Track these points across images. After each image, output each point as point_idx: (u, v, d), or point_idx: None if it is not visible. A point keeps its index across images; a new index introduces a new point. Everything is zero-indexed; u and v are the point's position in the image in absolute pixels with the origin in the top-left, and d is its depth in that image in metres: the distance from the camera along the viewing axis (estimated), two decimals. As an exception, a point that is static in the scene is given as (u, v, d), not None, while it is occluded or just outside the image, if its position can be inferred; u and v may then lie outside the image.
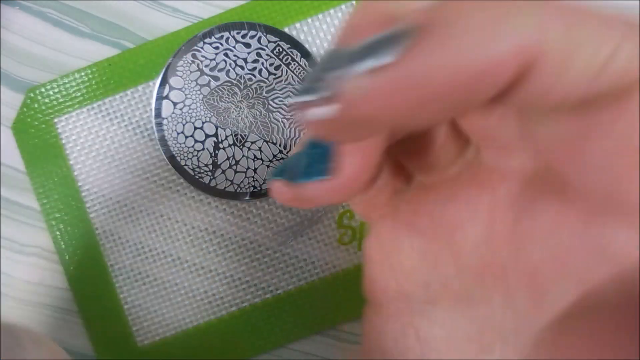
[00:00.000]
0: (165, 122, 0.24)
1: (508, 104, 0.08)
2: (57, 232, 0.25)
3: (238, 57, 0.24)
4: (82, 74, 0.25)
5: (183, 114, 0.24)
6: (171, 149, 0.24)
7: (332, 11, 0.25)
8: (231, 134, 0.24)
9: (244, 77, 0.24)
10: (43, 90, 0.25)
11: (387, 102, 0.07)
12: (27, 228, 0.25)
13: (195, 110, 0.24)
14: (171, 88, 0.24)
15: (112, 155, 0.25)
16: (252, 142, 0.24)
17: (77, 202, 0.25)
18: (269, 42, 0.24)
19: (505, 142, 0.10)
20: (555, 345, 0.08)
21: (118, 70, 0.25)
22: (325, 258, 0.25)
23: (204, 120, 0.24)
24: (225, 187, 0.24)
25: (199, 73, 0.24)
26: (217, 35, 0.24)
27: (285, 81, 0.24)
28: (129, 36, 0.25)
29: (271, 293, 0.25)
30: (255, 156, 0.24)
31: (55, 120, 0.25)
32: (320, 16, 0.25)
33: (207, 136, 0.24)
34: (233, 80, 0.24)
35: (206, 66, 0.24)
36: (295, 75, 0.24)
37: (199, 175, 0.24)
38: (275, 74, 0.24)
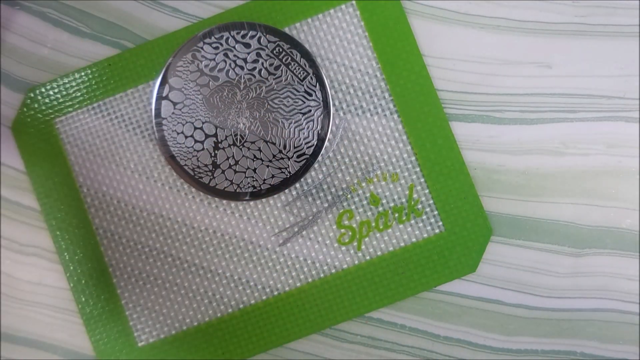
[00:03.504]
0: (165, 122, 0.24)
1: None
2: (57, 232, 0.25)
3: (238, 57, 0.24)
4: (82, 74, 0.25)
5: (183, 114, 0.24)
6: (171, 149, 0.24)
7: (332, 11, 0.25)
8: (231, 134, 0.24)
9: (243, 77, 0.24)
10: (43, 90, 0.25)
11: None
12: (27, 228, 0.25)
13: (195, 111, 0.24)
14: (171, 88, 0.24)
15: (112, 155, 0.25)
16: (251, 142, 0.24)
17: (77, 202, 0.25)
18: (269, 42, 0.24)
19: None
20: None
21: (118, 70, 0.25)
22: (325, 258, 0.25)
23: (203, 120, 0.24)
24: (225, 187, 0.24)
25: (198, 73, 0.24)
26: (217, 35, 0.24)
27: (285, 81, 0.24)
28: (129, 36, 0.25)
29: (271, 293, 0.25)
30: (255, 156, 0.24)
31: (55, 120, 0.25)
32: (320, 16, 0.25)
33: (206, 136, 0.24)
34: (233, 81, 0.24)
35: (206, 66, 0.24)
36: (295, 75, 0.24)
37: (199, 175, 0.24)
38: (275, 74, 0.24)
